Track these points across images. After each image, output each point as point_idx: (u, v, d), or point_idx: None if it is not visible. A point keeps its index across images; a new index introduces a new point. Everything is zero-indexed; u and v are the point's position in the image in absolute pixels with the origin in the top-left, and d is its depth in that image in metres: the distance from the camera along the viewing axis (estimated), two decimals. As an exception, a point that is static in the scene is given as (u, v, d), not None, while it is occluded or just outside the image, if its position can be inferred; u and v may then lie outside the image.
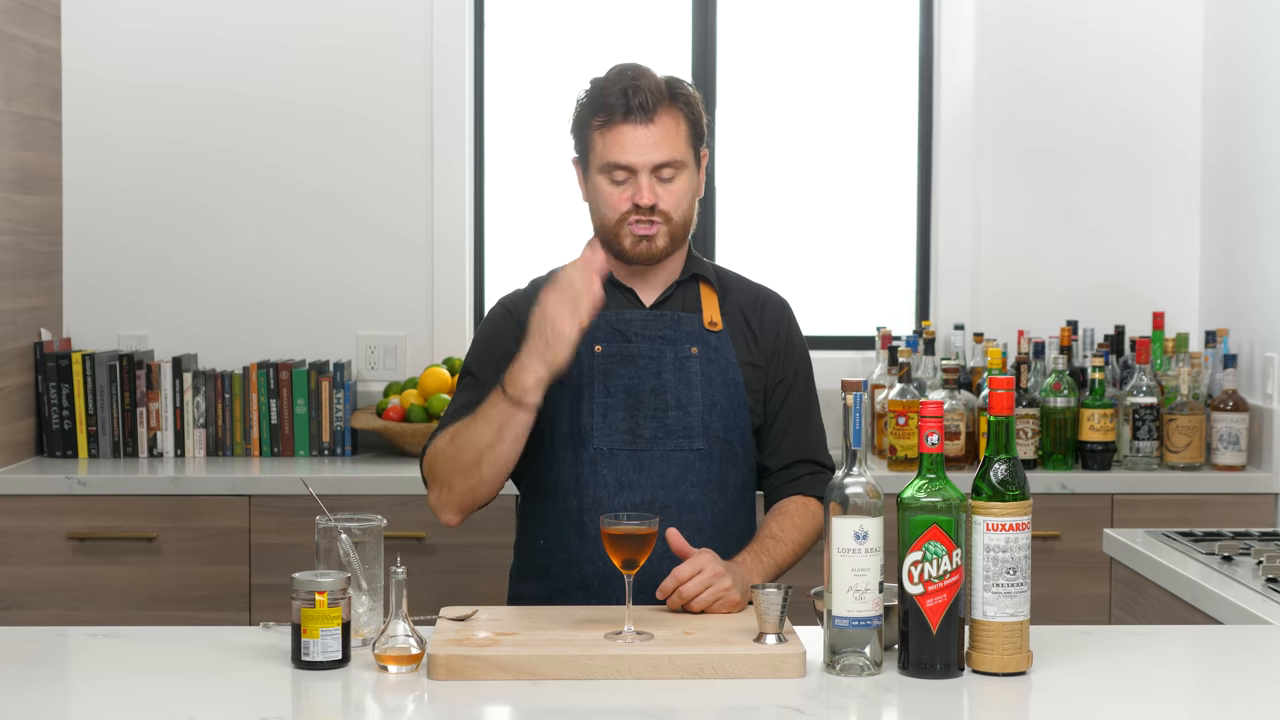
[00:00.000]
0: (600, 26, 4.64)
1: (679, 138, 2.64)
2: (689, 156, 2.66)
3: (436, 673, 2.14)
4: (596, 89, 2.65)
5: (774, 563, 2.60)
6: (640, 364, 2.66)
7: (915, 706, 2.06)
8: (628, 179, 2.62)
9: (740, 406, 2.68)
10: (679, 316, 2.70)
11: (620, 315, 2.69)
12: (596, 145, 2.64)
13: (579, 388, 2.65)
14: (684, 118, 2.65)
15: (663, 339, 2.68)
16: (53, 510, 3.92)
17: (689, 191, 2.67)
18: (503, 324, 2.71)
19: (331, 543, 2.32)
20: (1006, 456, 2.15)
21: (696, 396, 2.66)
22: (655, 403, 2.65)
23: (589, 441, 2.64)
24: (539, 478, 2.70)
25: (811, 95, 4.67)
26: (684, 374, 2.66)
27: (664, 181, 2.63)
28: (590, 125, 2.64)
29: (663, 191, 2.62)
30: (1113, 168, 4.55)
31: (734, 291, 2.77)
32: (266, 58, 4.47)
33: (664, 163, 2.61)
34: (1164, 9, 4.51)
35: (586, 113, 2.65)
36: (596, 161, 2.64)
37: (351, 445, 4.30)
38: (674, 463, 2.64)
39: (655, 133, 2.61)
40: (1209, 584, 2.75)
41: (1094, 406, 4.06)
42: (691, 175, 2.67)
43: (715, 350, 2.69)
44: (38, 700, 2.08)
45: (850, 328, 4.63)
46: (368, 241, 4.50)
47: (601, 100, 2.63)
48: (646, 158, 2.61)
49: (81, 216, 4.46)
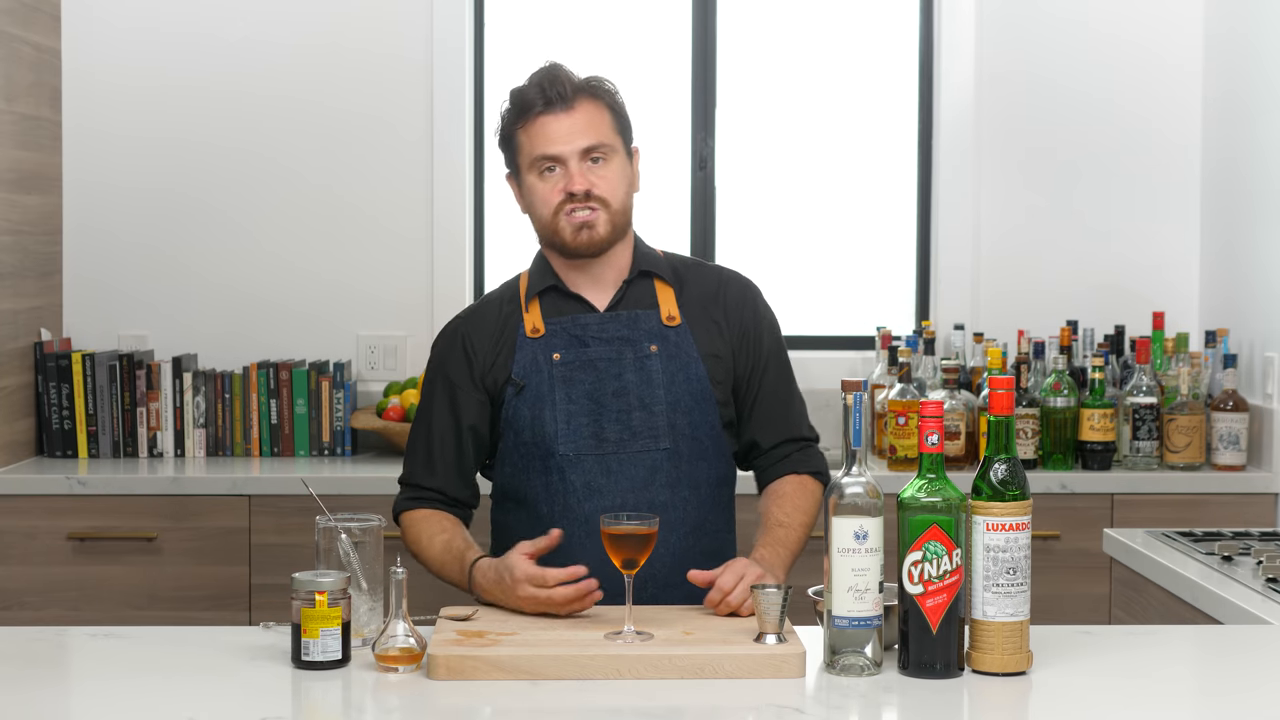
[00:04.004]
0: (600, 25, 4.64)
1: (602, 124, 2.64)
2: (617, 144, 2.66)
3: (436, 673, 2.14)
4: (515, 92, 2.69)
5: (789, 551, 2.62)
6: (600, 367, 2.66)
7: (915, 706, 2.06)
8: (558, 170, 2.62)
9: (706, 401, 2.67)
10: (635, 315, 2.69)
11: (576, 321, 2.68)
12: (522, 144, 2.65)
13: (540, 396, 2.65)
14: (605, 107, 2.66)
15: (621, 340, 2.67)
16: (53, 510, 3.92)
17: (622, 177, 2.66)
18: (454, 339, 2.74)
19: (331, 543, 2.32)
20: (1006, 456, 2.15)
21: (659, 395, 2.65)
22: (618, 405, 2.64)
23: (554, 449, 2.64)
24: (508, 486, 2.71)
25: (811, 95, 4.67)
26: (645, 373, 2.65)
27: (594, 166, 2.63)
28: (514, 126, 2.66)
29: (595, 177, 2.62)
30: (1113, 168, 4.55)
31: (691, 282, 2.75)
32: (266, 57, 4.47)
33: (590, 146, 2.62)
34: (1164, 9, 4.51)
35: (509, 118, 2.68)
36: (525, 160, 2.65)
37: (351, 445, 4.30)
38: (641, 464, 2.64)
39: (577, 119, 2.62)
40: (1209, 584, 2.75)
41: (1094, 406, 4.06)
42: (624, 163, 2.67)
43: (675, 346, 2.68)
44: (38, 700, 2.08)
45: (850, 328, 4.63)
46: (368, 241, 4.50)
47: (520, 99, 2.66)
48: (572, 144, 2.62)
49: (81, 216, 4.46)
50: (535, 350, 2.67)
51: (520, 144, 2.66)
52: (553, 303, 2.71)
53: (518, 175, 2.69)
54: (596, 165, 2.63)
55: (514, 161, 2.69)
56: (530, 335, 2.68)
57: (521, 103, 2.65)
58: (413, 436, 2.75)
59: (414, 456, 2.74)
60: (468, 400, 2.69)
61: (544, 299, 2.71)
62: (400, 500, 2.75)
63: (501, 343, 2.69)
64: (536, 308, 2.70)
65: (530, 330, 2.68)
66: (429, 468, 2.72)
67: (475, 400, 2.69)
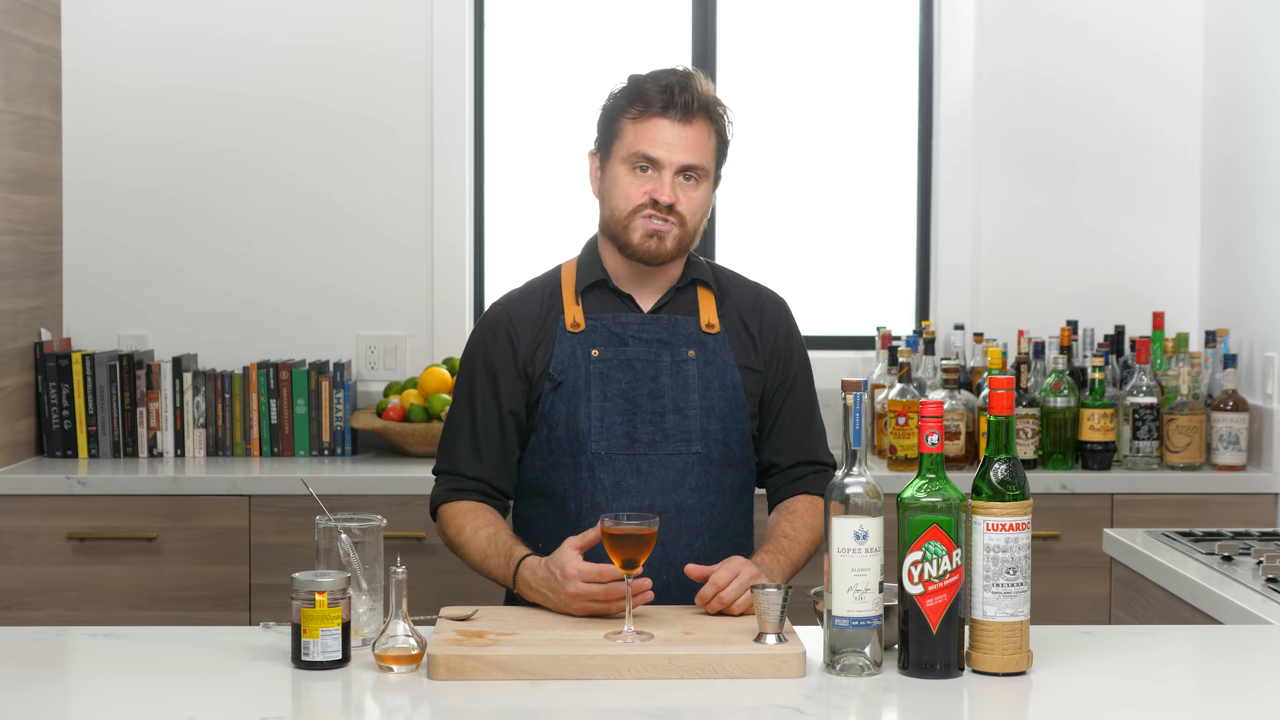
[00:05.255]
0: (601, 26, 4.64)
1: (708, 147, 2.63)
2: (712, 169, 2.65)
3: (436, 673, 2.14)
4: (638, 81, 2.63)
5: (790, 561, 2.61)
6: (637, 368, 2.66)
7: (915, 706, 2.06)
8: (651, 173, 2.60)
9: (739, 409, 2.68)
10: (676, 320, 2.69)
11: (617, 319, 2.68)
12: (626, 134, 2.61)
13: (576, 392, 2.65)
14: (714, 132, 2.64)
15: (659, 343, 2.67)
16: (53, 510, 3.92)
17: (705, 202, 2.65)
18: (498, 325, 2.71)
19: (331, 543, 2.32)
20: (1006, 456, 2.15)
21: (694, 400, 2.65)
22: (653, 407, 2.65)
23: (586, 446, 2.63)
24: (536, 481, 2.70)
25: (811, 95, 4.67)
26: (681, 377, 2.66)
27: (685, 184, 2.61)
28: (624, 113, 2.62)
29: (683, 195, 2.61)
30: (1113, 167, 4.55)
31: (732, 293, 2.76)
32: (266, 57, 4.47)
33: (691, 165, 2.60)
34: (1164, 9, 4.51)
35: (622, 101, 2.63)
36: (622, 150, 2.61)
37: (351, 445, 4.30)
38: (672, 467, 2.64)
39: (690, 135, 2.60)
40: (1209, 584, 2.75)
41: (1094, 406, 4.06)
42: (709, 189, 2.66)
43: (713, 353, 2.68)
44: (38, 700, 2.08)
45: (850, 328, 4.63)
46: (368, 241, 4.50)
47: (641, 91, 2.61)
48: (676, 156, 2.59)
49: (81, 216, 4.46)
50: (574, 345, 2.66)
51: (624, 132, 2.62)
52: (596, 298, 2.70)
53: (605, 158, 2.65)
54: (688, 184, 2.61)
55: (608, 145, 2.65)
56: (570, 329, 2.67)
57: (642, 95, 2.60)
58: (452, 425, 2.71)
59: (455, 445, 2.70)
60: (511, 387, 2.67)
61: (587, 294, 2.70)
62: (440, 491, 2.71)
63: (542, 333, 2.68)
64: (579, 301, 2.69)
65: (570, 324, 2.67)
66: (475, 455, 2.68)
67: (519, 388, 2.67)
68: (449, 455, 2.71)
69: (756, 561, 2.55)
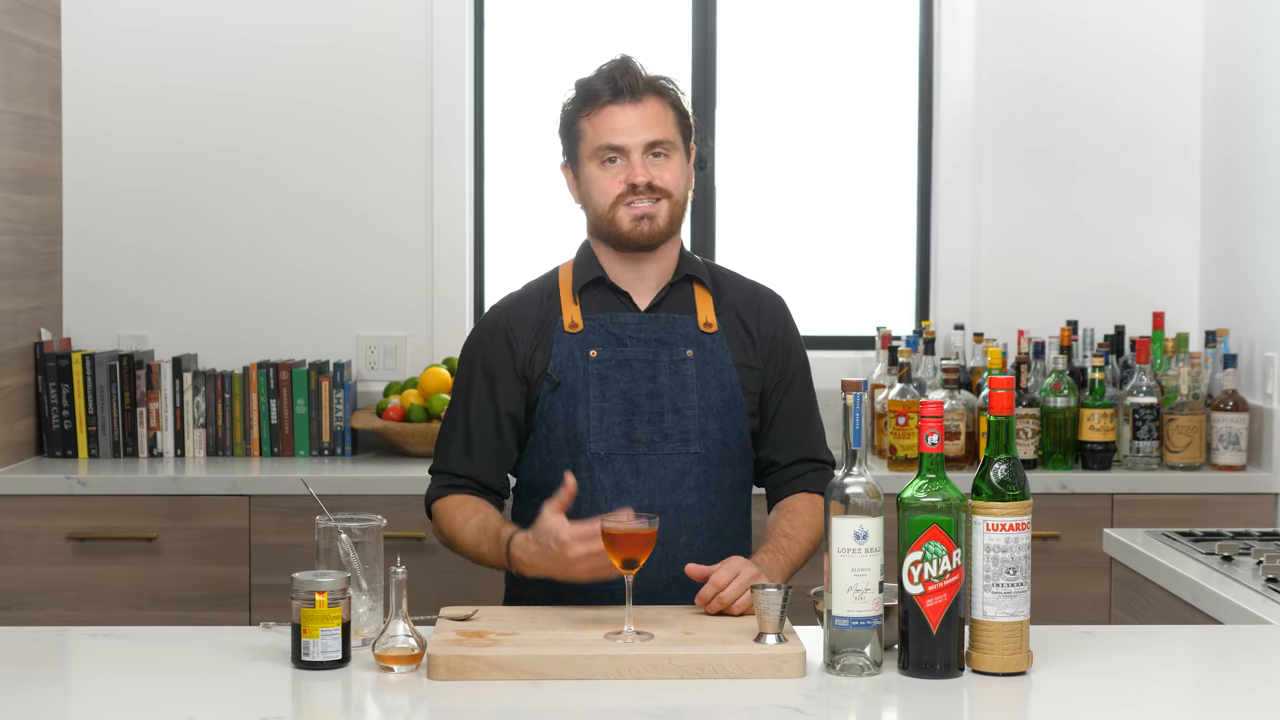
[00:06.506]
0: (600, 26, 4.64)
1: (667, 121, 2.66)
2: (679, 142, 2.67)
3: (436, 673, 2.14)
4: (582, 82, 2.69)
5: (790, 561, 2.62)
6: (635, 368, 2.66)
7: (915, 706, 2.06)
8: (620, 161, 2.63)
9: (737, 408, 2.68)
10: (673, 319, 2.70)
11: (614, 319, 2.69)
12: (586, 132, 2.65)
13: (574, 393, 2.65)
14: (670, 106, 2.68)
15: (657, 342, 2.68)
16: (53, 510, 3.92)
17: (683, 173, 2.68)
18: (496, 327, 2.73)
19: (331, 543, 2.32)
20: (1006, 456, 2.15)
21: (693, 399, 2.66)
22: (651, 406, 2.65)
23: (585, 446, 2.64)
24: (535, 482, 2.70)
25: (811, 95, 4.67)
26: (679, 377, 2.66)
27: (656, 160, 2.64)
28: (579, 115, 2.66)
29: (656, 170, 2.64)
30: (1113, 168, 4.55)
31: (729, 292, 2.76)
32: (266, 57, 4.47)
33: (654, 141, 2.63)
34: (1164, 9, 4.51)
35: (574, 105, 2.68)
36: (587, 149, 2.65)
37: (351, 445, 4.30)
38: (671, 466, 2.64)
39: (645, 113, 2.63)
40: (1209, 584, 2.75)
41: (1094, 406, 4.06)
42: (683, 161, 2.68)
43: (711, 352, 2.69)
44: (38, 700, 2.08)
45: (850, 328, 4.63)
46: (368, 241, 4.50)
47: (588, 89, 2.66)
48: (637, 137, 2.63)
49: (81, 216, 4.46)
50: (572, 345, 2.67)
51: (583, 132, 2.66)
52: (593, 298, 2.71)
53: (575, 165, 2.69)
54: (658, 160, 2.64)
55: (574, 151, 2.69)
56: (568, 330, 2.68)
57: (589, 92, 2.65)
58: (448, 425, 2.74)
59: (449, 445, 2.73)
60: (509, 389, 2.69)
61: (585, 294, 2.71)
62: (432, 489, 2.73)
63: (541, 335, 2.69)
64: (577, 302, 2.70)
65: (568, 325, 2.68)
66: (466, 455, 2.70)
67: (516, 390, 2.69)
68: (443, 455, 2.74)
69: (756, 561, 2.55)
